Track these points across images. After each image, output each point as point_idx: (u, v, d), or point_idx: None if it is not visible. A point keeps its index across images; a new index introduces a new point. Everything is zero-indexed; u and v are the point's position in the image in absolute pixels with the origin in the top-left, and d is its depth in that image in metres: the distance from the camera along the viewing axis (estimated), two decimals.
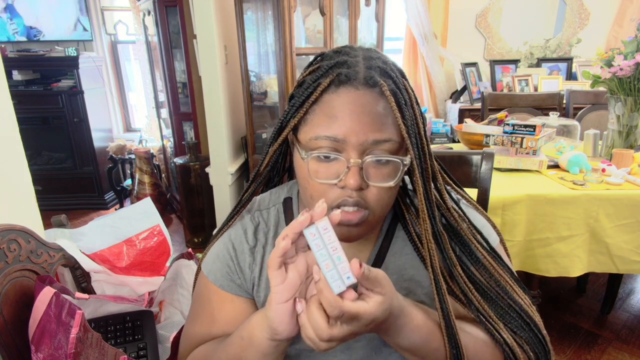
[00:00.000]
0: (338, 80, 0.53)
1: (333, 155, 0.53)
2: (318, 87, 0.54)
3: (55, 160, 3.44)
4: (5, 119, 1.06)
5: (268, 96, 2.31)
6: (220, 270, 0.65)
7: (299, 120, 0.56)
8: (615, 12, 3.23)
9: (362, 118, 0.52)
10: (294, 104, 0.56)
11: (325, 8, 2.24)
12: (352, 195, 0.53)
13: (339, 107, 0.52)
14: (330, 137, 0.52)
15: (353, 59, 0.55)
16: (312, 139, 0.54)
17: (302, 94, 0.55)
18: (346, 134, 0.52)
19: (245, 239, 0.66)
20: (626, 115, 1.68)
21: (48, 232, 1.09)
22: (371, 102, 0.53)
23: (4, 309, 0.73)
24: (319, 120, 0.54)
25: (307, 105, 0.54)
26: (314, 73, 0.56)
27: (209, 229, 2.68)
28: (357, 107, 0.52)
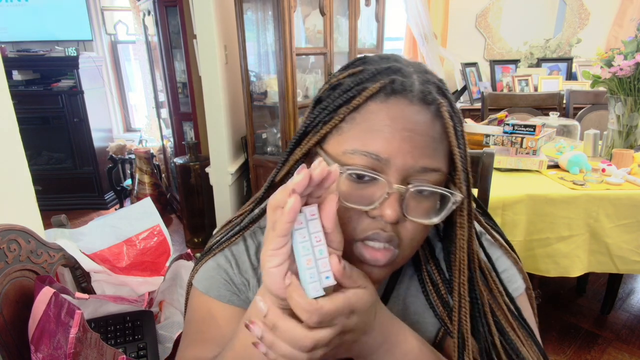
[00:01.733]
0: (391, 88, 0.44)
1: (373, 175, 0.43)
2: (363, 92, 0.45)
3: (55, 160, 3.44)
4: (5, 119, 1.06)
5: (268, 96, 2.31)
6: (224, 285, 0.56)
7: (331, 128, 0.47)
8: (615, 12, 3.23)
9: (413, 138, 0.43)
10: (327, 107, 0.47)
11: (325, 8, 2.24)
12: (386, 229, 0.44)
13: (387, 121, 0.43)
14: (371, 154, 0.43)
15: (406, 68, 0.47)
16: (346, 152, 0.44)
17: (339, 97, 0.46)
18: (391, 154, 0.43)
19: (248, 257, 0.57)
20: (626, 115, 1.68)
21: (48, 232, 1.10)
22: (426, 122, 0.44)
23: (4, 309, 0.73)
24: (359, 132, 0.44)
25: (345, 112, 0.45)
26: (356, 76, 0.47)
27: (209, 229, 2.68)
28: (409, 124, 0.43)
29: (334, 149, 0.46)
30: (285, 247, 0.38)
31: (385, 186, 0.43)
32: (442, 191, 0.45)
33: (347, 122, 0.45)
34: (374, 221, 0.44)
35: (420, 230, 0.47)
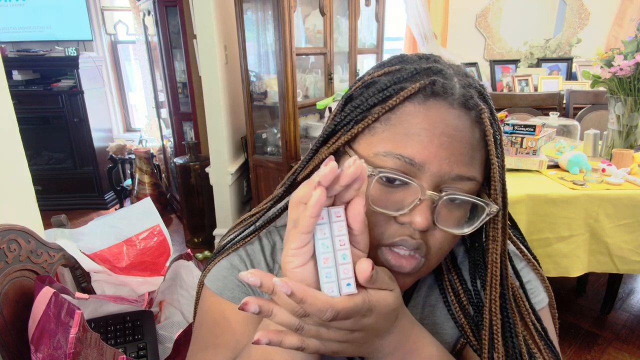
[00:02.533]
0: (431, 90, 0.42)
1: (406, 180, 0.41)
2: (400, 92, 0.43)
3: (55, 160, 3.44)
4: (5, 119, 1.06)
5: (268, 96, 2.31)
6: (239, 287, 0.53)
7: (363, 128, 0.44)
8: (615, 12, 3.23)
9: (451, 144, 0.41)
10: (360, 106, 0.45)
11: (325, 8, 2.24)
12: (415, 236, 0.42)
13: (425, 124, 0.41)
14: (405, 158, 0.41)
15: (447, 69, 0.45)
16: (378, 154, 0.42)
17: (373, 96, 0.44)
18: (427, 159, 0.41)
19: (264, 257, 0.55)
20: (626, 115, 1.68)
21: (48, 232, 1.10)
22: (465, 128, 0.42)
23: (4, 309, 0.73)
24: (393, 134, 0.42)
25: (380, 112, 0.43)
26: (393, 75, 0.45)
27: (209, 229, 2.68)
28: (448, 129, 0.41)
29: (365, 150, 0.44)
30: (308, 245, 0.36)
31: (417, 192, 0.41)
32: (478, 201, 0.43)
33: (381, 123, 0.43)
34: (402, 227, 0.43)
35: (449, 240, 0.45)
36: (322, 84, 2.45)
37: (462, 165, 0.42)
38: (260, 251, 0.55)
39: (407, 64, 0.46)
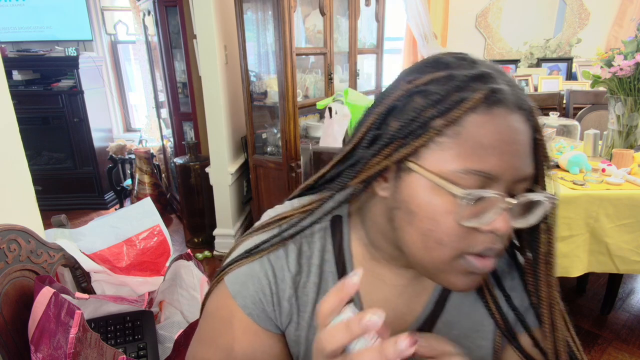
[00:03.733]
0: (494, 98, 0.42)
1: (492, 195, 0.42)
2: (463, 103, 0.42)
3: (55, 160, 3.44)
4: (5, 119, 1.06)
5: (268, 96, 2.31)
6: (253, 297, 0.53)
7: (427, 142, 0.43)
8: (615, 12, 3.23)
9: (519, 150, 0.43)
10: (416, 119, 0.43)
11: (325, 8, 2.24)
12: (498, 242, 0.44)
13: (497, 135, 0.41)
14: (484, 173, 0.41)
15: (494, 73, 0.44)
16: (456, 172, 0.42)
17: (429, 108, 0.43)
18: (503, 171, 0.42)
19: (287, 264, 0.54)
20: (626, 115, 1.67)
21: (48, 232, 1.10)
22: (524, 129, 0.43)
23: (4, 309, 0.73)
24: (467, 149, 0.41)
25: (444, 125, 0.42)
26: (444, 83, 0.43)
27: (209, 229, 2.68)
28: (515, 135, 0.42)
29: (436, 166, 0.43)
30: None
31: (497, 202, 0.42)
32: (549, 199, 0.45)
33: (448, 137, 0.42)
34: (486, 235, 0.43)
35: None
36: (322, 84, 2.45)
37: (526, 167, 0.44)
38: (285, 258, 0.54)
39: (455, 70, 0.44)
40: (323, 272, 0.55)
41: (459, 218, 0.42)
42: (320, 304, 0.38)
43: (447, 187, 0.42)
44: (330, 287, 0.52)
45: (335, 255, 0.55)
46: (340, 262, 0.55)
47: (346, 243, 0.55)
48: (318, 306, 0.38)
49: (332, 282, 0.54)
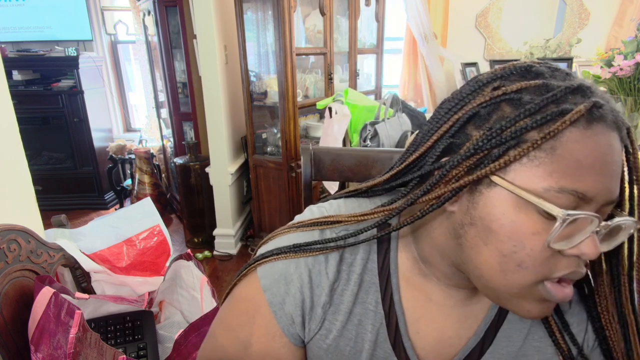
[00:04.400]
0: (596, 113, 0.38)
1: (590, 216, 0.38)
2: (562, 115, 0.38)
3: (55, 160, 3.44)
4: (5, 119, 1.06)
5: (268, 96, 2.31)
6: (282, 296, 0.51)
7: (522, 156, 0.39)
8: (615, 12, 3.23)
9: (615, 171, 0.39)
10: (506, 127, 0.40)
11: (325, 8, 2.24)
12: (582, 266, 0.41)
13: (597, 154, 0.38)
14: (580, 194, 0.38)
15: (592, 86, 0.41)
16: (550, 190, 0.38)
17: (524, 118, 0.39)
18: (599, 192, 0.38)
19: (326, 270, 0.50)
20: (626, 115, 1.67)
21: (48, 232, 1.09)
22: (619, 149, 0.40)
23: (4, 309, 0.73)
24: (564, 166, 0.38)
25: (541, 139, 0.38)
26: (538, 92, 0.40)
27: (209, 229, 2.68)
28: (614, 155, 0.39)
29: (528, 183, 0.39)
30: None
31: (589, 224, 0.39)
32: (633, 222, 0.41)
33: (544, 151, 0.39)
34: (570, 259, 0.40)
35: None
36: (322, 84, 2.45)
37: (617, 188, 0.41)
38: (325, 263, 0.51)
39: (550, 79, 0.41)
40: (363, 281, 0.52)
41: (551, 240, 0.38)
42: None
43: (543, 205, 0.38)
44: (370, 297, 0.51)
45: (379, 266, 0.52)
46: (384, 274, 0.52)
47: (393, 254, 0.52)
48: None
49: (373, 292, 0.51)
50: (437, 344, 0.52)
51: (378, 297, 0.51)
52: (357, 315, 0.52)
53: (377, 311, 0.51)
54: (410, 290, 0.52)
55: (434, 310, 0.52)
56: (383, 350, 0.52)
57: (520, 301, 0.43)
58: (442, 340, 0.52)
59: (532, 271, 0.40)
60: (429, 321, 0.52)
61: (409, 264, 0.52)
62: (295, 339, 0.53)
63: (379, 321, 0.51)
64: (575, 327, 0.52)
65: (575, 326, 0.52)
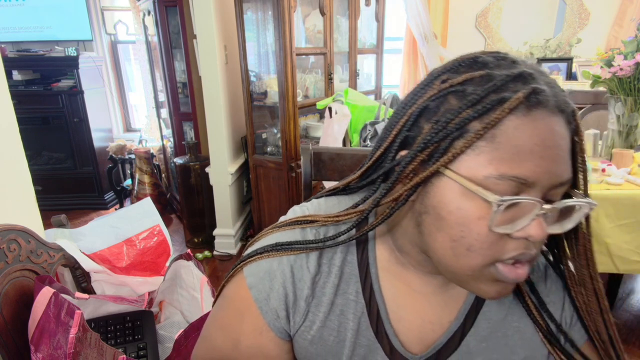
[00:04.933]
0: (535, 99, 0.39)
1: (528, 200, 0.40)
2: (502, 104, 0.39)
3: (55, 160, 3.44)
4: (5, 119, 1.06)
5: (268, 96, 2.31)
6: (267, 292, 0.53)
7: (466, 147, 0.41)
8: (615, 12, 3.23)
9: (558, 154, 0.40)
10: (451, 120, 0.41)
11: (325, 8, 2.24)
12: (531, 248, 0.42)
13: (536, 139, 0.39)
14: (520, 179, 0.39)
15: (532, 71, 0.42)
16: (490, 177, 0.40)
17: (468, 109, 0.41)
18: (540, 176, 0.40)
19: (307, 265, 0.53)
20: (626, 115, 1.67)
21: (48, 232, 1.09)
22: (563, 132, 0.41)
23: (4, 309, 0.73)
24: (503, 153, 0.40)
25: (483, 129, 0.40)
26: (481, 82, 0.42)
27: (209, 229, 2.68)
28: (556, 139, 0.40)
29: (470, 172, 0.41)
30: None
31: (534, 207, 0.40)
32: (586, 203, 0.43)
33: (485, 140, 0.40)
34: (518, 242, 0.42)
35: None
36: (322, 84, 2.45)
37: (564, 171, 0.42)
38: (305, 257, 0.53)
39: (494, 69, 0.42)
40: (344, 273, 0.54)
41: (492, 224, 0.40)
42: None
43: (481, 193, 0.40)
44: (351, 288, 0.53)
45: (358, 258, 0.54)
46: (364, 265, 0.54)
47: (371, 246, 0.54)
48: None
49: (354, 283, 0.54)
50: (419, 329, 0.54)
51: (358, 287, 0.53)
52: (338, 306, 0.53)
53: (357, 301, 0.53)
54: (389, 279, 0.54)
55: (414, 298, 0.54)
56: (366, 338, 0.54)
57: (477, 283, 0.45)
58: (424, 326, 0.54)
59: (480, 254, 0.42)
60: (410, 308, 0.54)
61: (387, 254, 0.54)
62: (281, 333, 0.55)
63: (360, 310, 0.53)
64: (552, 306, 0.54)
65: (552, 304, 0.54)
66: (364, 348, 0.54)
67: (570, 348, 0.53)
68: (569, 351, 0.52)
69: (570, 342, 0.53)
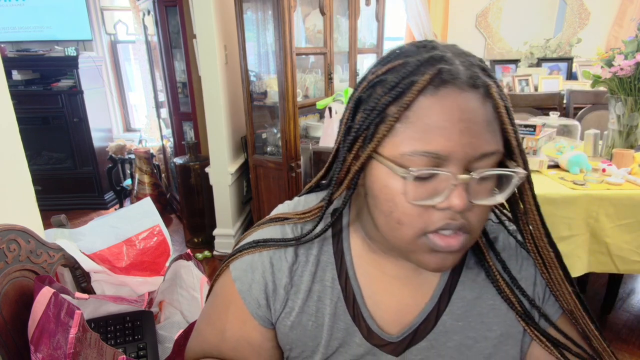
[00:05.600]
0: (440, 79, 0.43)
1: (437, 172, 0.43)
2: (412, 87, 0.43)
3: (55, 160, 3.44)
4: (5, 119, 1.06)
5: (268, 96, 2.31)
6: (249, 283, 0.57)
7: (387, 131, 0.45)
8: (616, 12, 3.23)
9: (470, 127, 0.43)
10: (375, 108, 0.45)
11: (325, 8, 2.24)
12: (456, 218, 0.44)
13: (443, 115, 0.42)
14: (432, 154, 0.42)
15: (447, 54, 0.45)
16: (404, 154, 0.43)
17: (385, 95, 0.44)
18: (451, 149, 0.42)
19: (285, 255, 0.57)
20: (626, 115, 1.67)
21: (48, 232, 1.09)
22: (478, 107, 0.43)
23: (4, 309, 0.73)
24: (415, 132, 0.43)
25: (398, 112, 0.43)
26: (398, 70, 0.45)
27: (209, 229, 2.68)
28: (463, 113, 0.42)
29: (390, 152, 0.45)
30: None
31: (449, 179, 0.43)
32: (506, 172, 0.45)
33: (400, 122, 0.44)
34: (443, 212, 0.44)
35: (486, 211, 0.47)
36: (322, 84, 2.45)
37: (483, 143, 0.43)
38: (284, 248, 0.57)
39: (409, 57, 0.45)
40: (320, 262, 0.57)
41: (408, 197, 0.44)
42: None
43: (394, 169, 0.44)
44: (327, 275, 0.57)
45: (334, 247, 0.57)
46: (339, 253, 0.57)
47: (345, 235, 0.58)
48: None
49: (330, 270, 0.57)
50: (395, 311, 0.56)
51: (334, 274, 0.57)
52: (316, 292, 0.57)
53: (334, 287, 0.56)
54: (364, 266, 0.57)
55: (389, 282, 0.56)
56: (343, 322, 0.56)
57: (416, 255, 0.48)
58: (400, 308, 0.56)
59: (409, 226, 0.45)
60: (385, 292, 0.56)
61: (360, 243, 0.57)
62: (264, 321, 0.58)
63: (337, 295, 0.56)
64: (524, 282, 0.56)
65: (524, 281, 0.56)
66: (341, 332, 0.56)
67: (545, 323, 0.55)
68: (542, 327, 0.54)
69: (545, 317, 0.55)
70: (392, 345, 0.55)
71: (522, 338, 0.56)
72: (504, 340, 0.55)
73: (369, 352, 0.56)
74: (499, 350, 0.55)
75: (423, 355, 0.55)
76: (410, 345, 0.55)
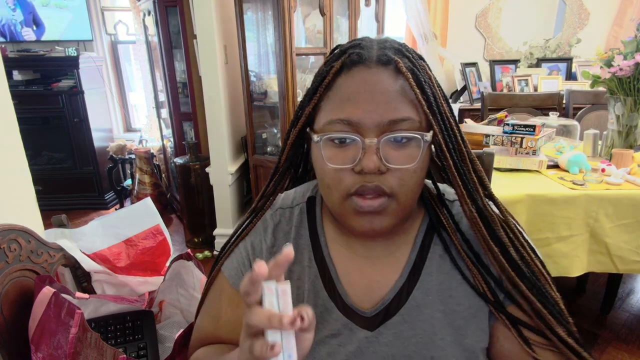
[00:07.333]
0: (350, 61, 0.51)
1: (347, 137, 0.50)
2: (330, 70, 0.52)
3: (55, 160, 3.44)
4: (5, 119, 1.06)
5: (268, 96, 2.31)
6: (236, 268, 0.63)
7: (313, 109, 0.54)
8: (615, 12, 3.23)
9: (376, 97, 0.49)
10: (308, 92, 0.56)
11: (325, 8, 2.24)
12: (370, 180, 0.50)
13: (352, 88, 0.50)
14: (344, 120, 0.50)
15: (367, 43, 0.53)
16: (325, 124, 0.52)
17: (314, 81, 0.55)
18: (360, 116, 0.49)
19: (264, 238, 0.63)
20: (626, 115, 1.67)
21: (48, 232, 1.09)
22: (386, 80, 0.50)
23: (4, 308, 0.73)
24: (332, 105, 0.52)
25: (321, 91, 0.53)
26: (327, 61, 0.55)
27: (209, 229, 2.68)
28: (369, 85, 0.50)
29: (317, 125, 0.54)
30: None
31: (360, 144, 0.50)
32: (408, 134, 0.50)
33: (323, 100, 0.53)
34: (361, 176, 0.50)
35: (409, 176, 0.51)
36: None
37: (391, 111, 0.49)
38: (262, 232, 0.63)
39: (338, 49, 0.55)
40: (298, 244, 0.62)
41: (326, 160, 0.51)
42: (255, 267, 0.39)
43: (313, 137, 0.53)
44: (304, 256, 0.62)
45: (310, 231, 0.63)
46: (314, 236, 0.62)
47: (318, 219, 0.64)
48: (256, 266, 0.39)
49: (307, 252, 0.62)
50: (367, 289, 0.60)
51: (311, 255, 0.62)
52: (295, 273, 0.62)
53: (311, 266, 0.61)
54: (337, 248, 0.62)
55: (360, 262, 0.60)
56: (321, 299, 0.60)
57: (347, 218, 0.54)
58: (371, 286, 0.60)
59: (335, 190, 0.52)
60: (357, 271, 0.60)
61: (332, 226, 0.62)
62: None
63: (314, 274, 0.61)
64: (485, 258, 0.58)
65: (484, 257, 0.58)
66: (320, 308, 0.59)
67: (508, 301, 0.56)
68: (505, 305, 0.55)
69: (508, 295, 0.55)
70: (367, 320, 0.58)
71: (489, 312, 0.57)
72: (473, 312, 0.57)
73: (346, 327, 0.58)
74: (469, 322, 0.56)
75: (396, 329, 0.57)
76: (384, 320, 0.58)
